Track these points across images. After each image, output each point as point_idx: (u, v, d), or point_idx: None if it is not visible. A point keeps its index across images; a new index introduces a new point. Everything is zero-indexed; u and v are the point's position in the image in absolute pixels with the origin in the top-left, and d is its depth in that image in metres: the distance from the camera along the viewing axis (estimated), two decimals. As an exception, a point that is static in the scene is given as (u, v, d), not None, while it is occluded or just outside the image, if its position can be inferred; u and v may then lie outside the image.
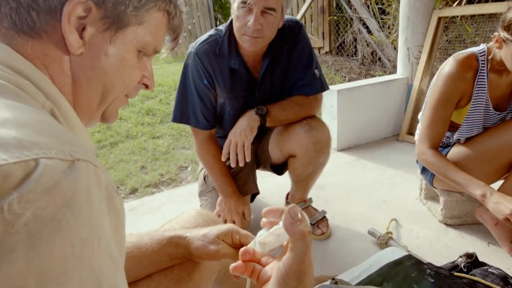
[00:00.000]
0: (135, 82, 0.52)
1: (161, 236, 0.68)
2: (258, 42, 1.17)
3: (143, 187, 2.09)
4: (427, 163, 1.33)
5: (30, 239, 0.25)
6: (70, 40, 0.42)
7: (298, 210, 0.41)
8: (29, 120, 0.32)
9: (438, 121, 1.31)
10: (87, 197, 0.30)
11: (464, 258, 1.17)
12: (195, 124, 1.32)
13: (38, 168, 0.27)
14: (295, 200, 1.52)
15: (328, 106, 2.35)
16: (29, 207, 0.26)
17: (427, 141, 1.32)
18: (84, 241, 0.28)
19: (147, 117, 3.18)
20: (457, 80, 1.25)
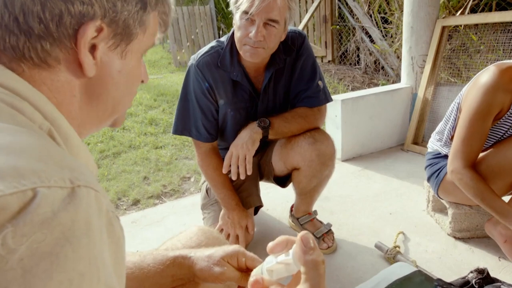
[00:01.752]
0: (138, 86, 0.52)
1: (164, 256, 0.66)
2: (259, 53, 1.15)
3: (146, 198, 2.07)
4: (463, 185, 1.22)
5: (25, 276, 0.24)
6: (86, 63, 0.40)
7: (310, 238, 0.39)
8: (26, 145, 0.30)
9: (476, 136, 1.20)
10: (87, 227, 0.28)
11: (475, 273, 1.14)
12: (197, 137, 1.30)
13: (36, 199, 0.26)
14: (300, 213, 1.49)
15: (332, 116, 2.33)
16: (25, 241, 0.24)
17: (462, 158, 1.21)
18: (83, 275, 0.27)
19: (150, 127, 3.18)
20: (500, 91, 1.15)
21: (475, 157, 1.22)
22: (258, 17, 1.08)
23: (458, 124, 1.25)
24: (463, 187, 1.23)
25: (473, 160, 1.22)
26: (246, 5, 1.06)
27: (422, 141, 2.48)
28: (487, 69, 1.20)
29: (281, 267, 0.43)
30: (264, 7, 1.06)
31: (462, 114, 1.24)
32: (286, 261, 0.42)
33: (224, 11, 7.54)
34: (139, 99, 3.71)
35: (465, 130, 1.21)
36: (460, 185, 1.23)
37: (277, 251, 0.44)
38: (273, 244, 0.45)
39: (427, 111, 2.47)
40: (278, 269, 0.43)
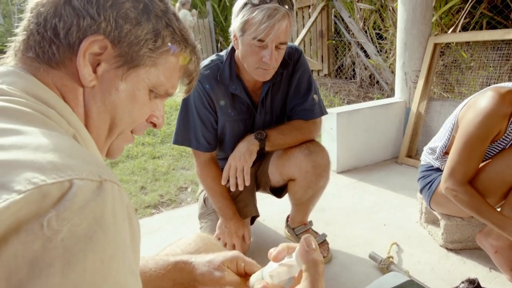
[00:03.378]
0: (143, 119, 0.54)
1: (166, 261, 0.68)
2: (271, 73, 1.22)
3: (143, 207, 2.09)
4: (458, 200, 1.25)
5: (66, 255, 0.28)
6: (83, 73, 0.45)
7: (312, 240, 0.43)
8: (59, 144, 0.35)
9: (473, 157, 1.23)
10: (114, 216, 0.32)
11: (466, 284, 1.16)
12: (196, 147, 1.33)
13: (73, 188, 0.30)
14: (295, 223, 1.52)
15: (327, 129, 2.37)
16: (66, 223, 0.28)
17: (458, 177, 1.24)
18: (112, 257, 0.30)
19: (148, 137, 3.20)
20: (499, 117, 1.17)
21: (471, 176, 1.26)
22: (271, 43, 1.13)
23: (455, 144, 1.27)
24: (459, 203, 1.26)
25: (469, 179, 1.26)
26: (262, 34, 1.10)
27: (415, 154, 2.53)
28: (486, 94, 1.21)
29: (283, 270, 0.46)
30: (277, 33, 1.11)
31: (459, 135, 1.26)
32: (289, 263, 0.45)
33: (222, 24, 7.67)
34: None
35: (462, 152, 1.23)
36: (455, 201, 1.26)
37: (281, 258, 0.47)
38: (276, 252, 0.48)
39: (421, 125, 2.52)
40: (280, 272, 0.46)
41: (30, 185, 0.28)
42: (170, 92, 0.54)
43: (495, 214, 1.20)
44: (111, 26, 0.45)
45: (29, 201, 0.28)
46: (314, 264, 0.41)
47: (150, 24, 0.48)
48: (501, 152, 1.27)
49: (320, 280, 0.40)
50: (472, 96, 1.31)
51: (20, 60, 0.46)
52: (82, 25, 0.44)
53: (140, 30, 0.47)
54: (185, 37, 0.52)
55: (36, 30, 0.45)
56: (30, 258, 0.26)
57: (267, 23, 1.08)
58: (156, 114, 0.55)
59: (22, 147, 0.32)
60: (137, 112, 0.52)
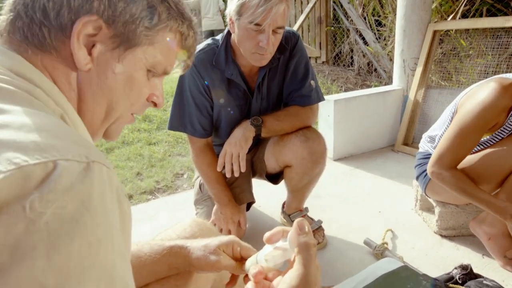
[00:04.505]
0: (142, 100, 0.53)
1: (161, 246, 0.68)
2: (268, 58, 1.19)
3: (139, 194, 2.08)
4: (445, 183, 1.26)
5: (50, 238, 0.26)
6: (78, 56, 0.43)
7: (306, 224, 0.42)
8: (44, 124, 0.33)
9: (464, 146, 1.22)
10: (102, 199, 0.31)
11: (459, 269, 1.18)
12: (192, 132, 1.32)
13: (57, 170, 0.29)
14: (291, 210, 1.52)
15: (324, 116, 2.36)
16: (50, 206, 0.27)
17: (445, 162, 1.24)
18: (100, 240, 0.29)
19: (144, 123, 3.18)
20: (498, 109, 1.15)
21: (458, 163, 1.25)
22: (268, 27, 1.10)
23: (448, 131, 1.26)
24: (445, 185, 1.26)
25: (456, 165, 1.25)
26: (259, 18, 1.07)
27: (412, 142, 2.53)
28: (488, 85, 1.18)
29: (277, 253, 0.46)
30: (275, 17, 1.08)
31: (453, 123, 1.24)
32: (284, 246, 0.44)
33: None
34: (133, 95, 3.69)
35: (454, 139, 1.22)
36: (442, 183, 1.27)
37: (275, 240, 0.47)
38: (270, 234, 0.47)
39: (418, 113, 2.52)
40: (275, 255, 0.46)
41: (11, 166, 0.27)
42: (168, 70, 0.52)
43: (482, 194, 1.20)
44: (104, 4, 0.43)
45: (10, 182, 0.26)
46: (306, 247, 0.40)
47: (144, 0, 0.46)
48: (498, 141, 1.27)
49: (312, 263, 0.40)
50: (474, 85, 1.29)
51: (6, 41, 0.43)
52: (74, 5, 0.42)
53: (134, 7, 0.45)
54: (181, 11, 0.50)
55: (24, 12, 0.42)
56: (13, 241, 0.25)
57: (264, 7, 1.05)
58: (156, 93, 0.54)
59: (4, 126, 0.30)
60: (135, 94, 0.50)
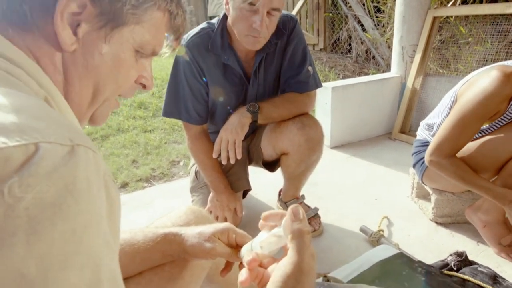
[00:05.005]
0: (130, 82, 0.51)
1: (155, 233, 0.67)
2: (261, 42, 1.16)
3: (134, 181, 2.07)
4: (443, 171, 1.25)
5: (31, 223, 0.25)
6: (63, 36, 0.40)
7: (300, 210, 0.41)
8: (25, 105, 0.31)
9: (464, 135, 1.20)
10: (87, 183, 0.29)
11: (454, 256, 1.19)
12: (187, 119, 1.30)
13: (39, 152, 0.27)
14: (288, 197, 1.51)
15: (322, 103, 2.34)
16: (30, 190, 0.26)
17: (444, 151, 1.22)
18: (85, 227, 0.28)
19: (139, 110, 3.14)
20: (500, 97, 1.13)
21: (457, 151, 1.24)
22: (262, 7, 1.06)
23: (448, 119, 1.24)
24: (444, 173, 1.26)
25: (455, 153, 1.24)
26: None
27: (409, 130, 2.52)
28: (490, 73, 1.15)
29: (273, 240, 0.45)
30: None
31: (454, 111, 1.22)
32: (278, 233, 0.43)
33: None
34: (128, 82, 3.64)
35: (453, 128, 1.20)
36: (440, 171, 1.26)
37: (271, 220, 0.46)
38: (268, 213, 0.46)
39: (415, 101, 2.50)
40: (270, 242, 0.45)
41: None
42: (157, 50, 0.50)
43: (481, 181, 1.20)
44: None
45: None
46: (299, 234, 0.39)
47: None
48: (497, 129, 1.26)
49: (305, 250, 0.39)
50: (474, 73, 1.27)
51: None
52: None
53: None
54: None
55: None
56: None
57: None
58: (145, 75, 0.52)
59: None
60: (123, 76, 0.48)
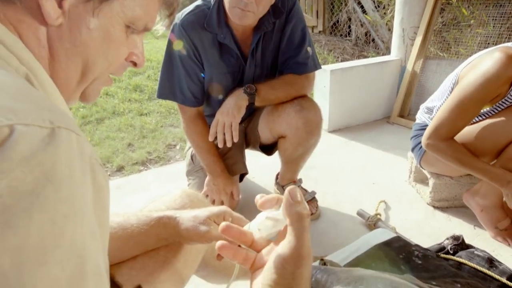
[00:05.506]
0: (121, 60, 0.48)
1: (149, 217, 0.65)
2: (248, 17, 1.10)
3: (130, 165, 2.05)
4: (440, 154, 1.23)
5: (5, 214, 0.23)
6: (47, 8, 0.37)
7: (298, 192, 0.39)
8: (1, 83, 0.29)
9: (463, 118, 1.18)
10: (69, 169, 0.27)
11: (451, 240, 1.18)
12: (182, 101, 1.26)
13: (13, 136, 0.24)
14: (285, 181, 1.50)
15: (320, 86, 2.31)
16: (4, 177, 0.23)
17: (442, 134, 1.20)
18: (66, 217, 0.26)
19: (135, 93, 3.09)
20: (502, 80, 1.09)
21: (455, 134, 1.22)
22: None
23: (447, 102, 1.21)
24: (442, 156, 1.25)
25: (453, 136, 1.22)
26: None
27: (408, 114, 2.50)
28: (493, 55, 1.12)
29: (269, 223, 0.43)
30: None
31: (454, 94, 1.20)
32: (276, 216, 0.41)
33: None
34: (123, 64, 3.57)
35: (452, 111, 1.18)
36: (438, 155, 1.25)
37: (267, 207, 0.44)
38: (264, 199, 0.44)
39: (415, 84, 2.47)
40: (268, 225, 0.43)
41: None
42: (149, 26, 0.47)
43: (479, 163, 1.19)
44: None
45: None
46: (298, 218, 0.37)
47: None
48: (497, 112, 1.24)
49: (305, 235, 0.37)
50: (477, 55, 1.24)
51: None
52: None
53: None
54: None
55: None
56: None
57: None
58: (136, 52, 0.49)
59: None
60: (113, 53, 0.45)
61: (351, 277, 0.81)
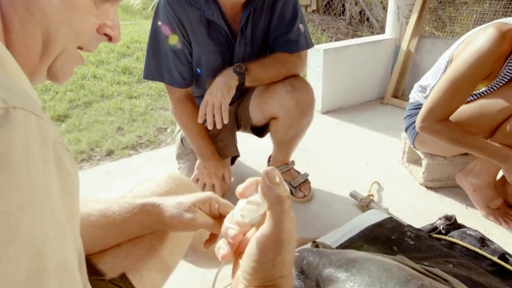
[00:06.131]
0: (89, 31, 0.43)
1: (131, 204, 0.62)
2: None
3: (120, 149, 2.01)
4: (436, 135, 1.20)
5: None
6: None
7: (276, 173, 0.36)
8: None
9: (457, 98, 1.15)
10: (26, 154, 0.24)
11: (443, 220, 1.18)
12: (170, 82, 1.21)
13: None
14: (277, 163, 1.48)
15: (313, 66, 2.26)
16: None
17: (436, 116, 1.17)
18: (21, 208, 0.23)
19: (123, 75, 3.01)
20: (494, 56, 1.06)
21: (449, 115, 1.19)
22: None
23: (440, 82, 1.18)
24: (437, 138, 1.22)
25: (447, 118, 1.19)
26: None
27: (402, 94, 2.47)
28: (486, 31, 1.09)
29: (252, 207, 0.40)
30: None
31: (447, 73, 1.16)
32: (257, 200, 0.39)
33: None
34: (110, 45, 3.46)
35: (446, 91, 1.15)
36: (434, 137, 1.22)
37: (247, 194, 0.41)
38: (242, 188, 0.41)
39: (409, 64, 2.43)
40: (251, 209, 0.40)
41: None
42: None
43: (477, 140, 1.17)
44: None
45: None
46: (277, 201, 0.34)
47: None
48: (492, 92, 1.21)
49: (285, 219, 0.34)
50: (471, 32, 1.20)
51: None
52: None
53: None
54: None
55: None
56: None
57: None
58: (109, 23, 0.44)
59: None
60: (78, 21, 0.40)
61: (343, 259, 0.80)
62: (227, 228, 0.40)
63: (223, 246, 0.40)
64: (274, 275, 0.34)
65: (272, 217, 0.34)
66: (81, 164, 1.88)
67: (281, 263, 0.34)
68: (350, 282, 0.71)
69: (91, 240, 0.60)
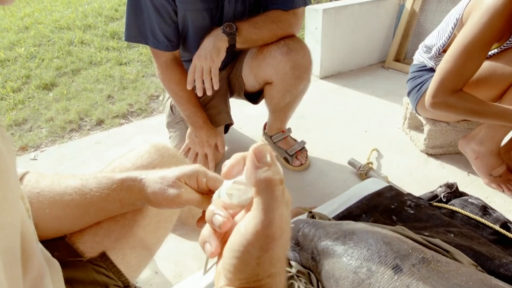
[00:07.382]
0: None
1: (110, 179, 0.55)
2: None
3: (110, 118, 1.93)
4: (452, 109, 1.10)
5: None
6: None
7: (266, 151, 0.28)
8: None
9: (469, 67, 1.05)
10: None
11: (444, 187, 1.14)
12: (155, 44, 1.12)
13: None
14: (273, 131, 1.42)
15: (311, 28, 2.13)
16: None
17: (448, 88, 1.07)
18: None
19: (112, 41, 2.87)
20: (507, 14, 0.97)
21: (463, 86, 1.09)
22: None
23: (450, 50, 1.08)
24: (452, 112, 1.12)
25: (460, 88, 1.09)
26: None
27: (404, 58, 2.36)
28: None
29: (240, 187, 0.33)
30: None
31: (457, 39, 1.06)
32: (242, 181, 0.32)
33: None
34: (98, 9, 3.28)
35: (458, 59, 1.05)
36: (448, 111, 1.12)
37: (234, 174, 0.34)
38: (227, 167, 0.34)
39: (414, 24, 2.30)
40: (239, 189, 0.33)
41: None
42: None
43: (495, 107, 1.07)
44: None
45: None
46: (267, 186, 0.27)
47: None
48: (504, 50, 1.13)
49: (275, 208, 0.27)
50: None
51: None
52: None
53: None
54: None
55: None
56: None
57: None
58: None
59: None
60: None
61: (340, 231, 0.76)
62: (212, 215, 0.33)
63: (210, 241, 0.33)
64: (259, 275, 0.28)
65: (259, 206, 0.27)
66: (71, 134, 1.82)
67: (269, 262, 0.28)
68: (348, 256, 0.67)
69: (68, 221, 0.55)
